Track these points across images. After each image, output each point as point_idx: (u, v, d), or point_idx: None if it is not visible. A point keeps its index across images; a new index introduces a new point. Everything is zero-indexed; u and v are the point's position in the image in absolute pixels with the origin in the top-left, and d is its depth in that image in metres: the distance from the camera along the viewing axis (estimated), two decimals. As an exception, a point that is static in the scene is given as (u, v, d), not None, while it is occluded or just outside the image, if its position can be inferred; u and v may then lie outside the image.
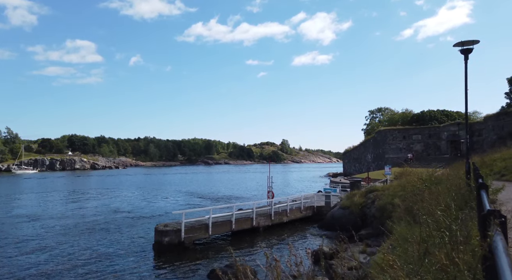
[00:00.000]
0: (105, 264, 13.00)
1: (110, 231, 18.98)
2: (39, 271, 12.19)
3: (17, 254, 14.38)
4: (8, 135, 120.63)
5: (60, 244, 16.03)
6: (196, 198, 35.52)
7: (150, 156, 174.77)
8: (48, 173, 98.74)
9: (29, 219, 22.79)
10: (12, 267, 12.65)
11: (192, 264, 13.22)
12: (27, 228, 19.74)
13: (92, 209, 27.35)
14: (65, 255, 14.14)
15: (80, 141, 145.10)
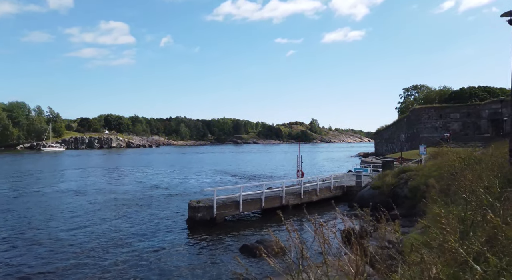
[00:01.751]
0: (143, 236, 13.81)
1: (147, 206, 19.99)
2: (83, 242, 13.17)
3: (63, 226, 15.56)
4: (50, 114, 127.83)
5: (102, 217, 17.14)
6: (226, 176, 36.34)
7: (181, 136, 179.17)
8: (76, 151, 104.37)
9: (73, 193, 24.43)
10: (58, 240, 13.72)
11: (223, 239, 13.74)
12: (72, 202, 21.19)
13: (129, 185, 28.81)
14: (107, 227, 15.13)
15: (116, 120, 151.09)
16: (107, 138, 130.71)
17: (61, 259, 11.19)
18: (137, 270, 10.35)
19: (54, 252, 11.83)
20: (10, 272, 10.11)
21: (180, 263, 10.91)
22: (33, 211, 18.47)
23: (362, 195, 19.21)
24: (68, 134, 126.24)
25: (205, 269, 10.49)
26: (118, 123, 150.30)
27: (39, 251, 11.97)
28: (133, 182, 31.43)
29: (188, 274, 10.08)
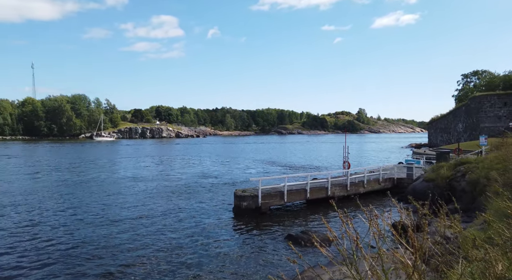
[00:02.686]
0: (192, 222, 14.44)
1: (195, 193, 20.83)
2: (136, 227, 14.09)
3: (120, 211, 16.77)
4: (108, 106, 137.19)
5: (154, 203, 18.20)
6: (271, 166, 36.56)
7: (227, 126, 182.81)
8: (130, 140, 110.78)
9: (130, 180, 26.17)
10: (113, 222, 14.81)
11: (268, 228, 13.91)
12: (128, 189, 22.71)
13: (179, 174, 30.17)
14: (159, 213, 16.04)
15: (166, 111, 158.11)
16: (158, 128, 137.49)
17: (114, 242, 12.09)
18: (186, 256, 10.86)
19: (110, 235, 12.80)
20: (76, 247, 11.16)
21: (226, 250, 11.26)
22: (95, 196, 20.11)
23: (414, 188, 18.26)
24: (123, 125, 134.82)
25: (251, 256, 10.73)
26: (168, 114, 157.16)
27: (100, 232, 13.04)
28: (182, 170, 32.84)
29: (235, 261, 10.38)
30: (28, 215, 15.47)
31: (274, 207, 16.96)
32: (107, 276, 9.12)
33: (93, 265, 9.89)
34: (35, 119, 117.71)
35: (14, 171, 31.24)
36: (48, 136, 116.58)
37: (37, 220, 14.71)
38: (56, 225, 13.97)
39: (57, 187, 22.85)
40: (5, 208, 16.72)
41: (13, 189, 22.07)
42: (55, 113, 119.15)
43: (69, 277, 9.09)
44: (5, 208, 16.72)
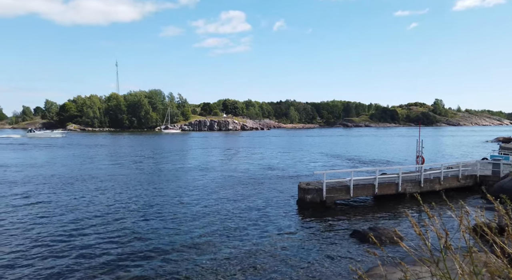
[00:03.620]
0: (256, 213, 14.85)
1: (260, 185, 21.33)
2: (203, 215, 14.93)
3: (189, 198, 17.92)
4: (180, 100, 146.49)
5: (221, 193, 19.09)
6: (336, 160, 35.66)
7: (291, 119, 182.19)
8: (199, 132, 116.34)
9: (199, 171, 27.80)
10: (183, 209, 15.86)
11: (333, 222, 13.69)
12: (198, 179, 24.15)
13: (245, 165, 31.13)
14: (225, 202, 16.80)
15: (232, 104, 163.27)
16: (224, 121, 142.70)
17: (183, 228, 12.98)
18: (250, 246, 11.23)
19: (179, 221, 13.78)
20: (145, 233, 12.29)
21: (290, 243, 11.38)
22: (168, 184, 21.79)
23: (502, 186, 16.34)
24: (193, 118, 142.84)
25: (316, 250, 10.70)
26: (234, 107, 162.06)
27: (168, 218, 14.13)
28: (248, 162, 33.78)
29: (298, 254, 10.45)
30: (112, 199, 17.40)
31: (340, 202, 16.60)
32: (179, 256, 9.90)
33: (163, 246, 10.79)
34: (119, 113, 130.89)
35: (102, 159, 35.32)
36: (129, 128, 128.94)
37: (118, 204, 16.47)
38: (133, 209, 15.50)
39: (136, 175, 25.25)
40: (93, 192, 19.05)
41: (101, 174, 24.98)
42: (135, 107, 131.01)
43: (140, 255, 10.07)
44: (93, 192, 19.05)
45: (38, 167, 29.38)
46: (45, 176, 24.16)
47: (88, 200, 16.94)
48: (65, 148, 49.94)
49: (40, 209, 15.27)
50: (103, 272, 8.92)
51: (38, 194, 18.34)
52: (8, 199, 17.13)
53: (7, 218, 13.82)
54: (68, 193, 18.68)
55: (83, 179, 22.92)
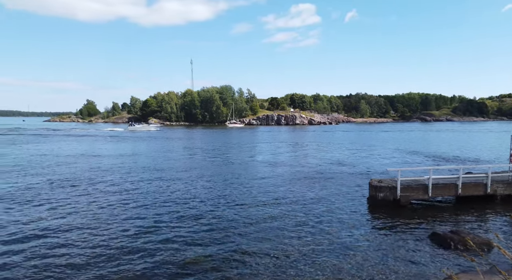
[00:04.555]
0: (324, 210, 14.63)
1: (327, 180, 20.92)
2: (269, 210, 15.16)
3: (256, 192, 18.35)
4: (249, 95, 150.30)
5: (287, 187, 19.20)
6: (411, 156, 33.20)
7: (361, 113, 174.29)
8: (267, 127, 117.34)
9: (267, 164, 28.30)
10: (250, 203, 16.28)
11: (409, 223, 12.84)
12: (265, 172, 24.60)
13: (312, 160, 30.79)
14: (292, 198, 16.86)
15: (299, 99, 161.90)
16: (292, 115, 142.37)
17: (248, 221, 13.34)
18: (317, 245, 11.11)
19: (246, 214, 14.21)
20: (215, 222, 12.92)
21: (361, 243, 10.97)
22: (237, 177, 22.62)
23: None
24: (261, 112, 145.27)
25: (389, 252, 10.18)
26: (302, 102, 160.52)
27: (237, 211, 14.66)
28: (315, 157, 33.32)
29: (370, 255, 10.05)
30: (184, 190, 18.67)
31: (415, 202, 15.48)
32: (248, 249, 10.26)
33: (229, 240, 11.25)
34: (193, 108, 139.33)
35: (178, 150, 38.09)
36: (202, 122, 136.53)
37: (191, 195, 17.60)
38: (203, 199, 16.44)
39: (208, 166, 26.68)
40: (171, 181, 20.66)
41: (177, 165, 26.96)
42: (207, 102, 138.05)
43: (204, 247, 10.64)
44: (171, 181, 20.66)
45: (135, 156, 32.85)
46: (141, 166, 26.92)
47: (169, 190, 18.46)
48: (159, 140, 55.20)
49: (127, 195, 17.09)
50: (175, 255, 9.68)
51: (131, 181, 20.55)
52: (102, 185, 19.50)
53: (99, 201, 15.77)
54: (150, 181, 20.56)
55: (163, 169, 25.00)
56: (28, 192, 17.27)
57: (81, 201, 15.69)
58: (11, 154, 34.46)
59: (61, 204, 15.10)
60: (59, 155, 34.32)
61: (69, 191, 17.68)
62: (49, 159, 30.63)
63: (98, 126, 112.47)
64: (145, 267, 8.86)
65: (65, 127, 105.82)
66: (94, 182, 20.08)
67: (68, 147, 43.23)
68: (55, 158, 31.44)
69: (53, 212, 13.84)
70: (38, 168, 25.17)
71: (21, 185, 18.98)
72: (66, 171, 23.85)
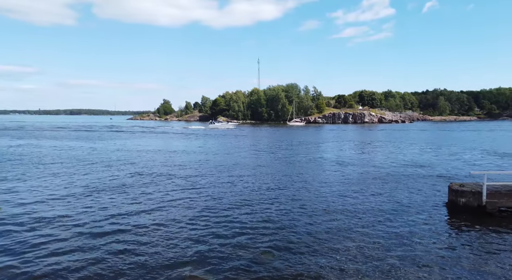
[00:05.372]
0: (393, 213, 13.70)
1: (398, 182, 19.57)
2: (334, 207, 14.67)
3: (322, 192, 17.93)
4: (314, 93, 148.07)
5: (353, 188, 18.43)
6: (501, 159, 29.41)
7: (439, 110, 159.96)
8: (333, 125, 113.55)
9: (333, 163, 27.58)
10: (317, 204, 15.96)
11: (496, 233, 11.38)
12: (331, 171, 23.99)
13: (381, 160, 29.12)
14: (357, 200, 16.15)
15: (369, 96, 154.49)
16: (360, 113, 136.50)
17: (312, 220, 13.06)
18: (385, 252, 10.48)
19: (312, 219, 13.95)
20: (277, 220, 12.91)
21: (438, 252, 10.00)
22: (302, 176, 22.42)
23: None
24: (327, 110, 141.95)
25: (472, 265, 9.15)
26: (371, 99, 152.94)
27: (303, 212, 14.48)
28: (385, 157, 31.46)
29: (449, 267, 9.15)
30: (251, 187, 19.06)
31: (507, 209, 13.69)
32: (308, 248, 10.11)
33: (296, 238, 11.16)
34: (259, 106, 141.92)
35: (245, 148, 39.16)
36: (267, 121, 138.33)
37: (255, 193, 17.91)
38: (269, 196, 16.58)
39: (271, 165, 26.92)
40: (238, 177, 21.29)
41: (246, 162, 27.71)
42: (273, 101, 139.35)
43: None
44: (238, 177, 21.29)
45: (215, 153, 34.85)
46: (219, 162, 28.44)
47: (240, 185, 19.10)
48: (237, 137, 57.80)
49: (201, 189, 18.08)
50: (234, 251, 9.95)
51: (206, 175, 21.78)
52: (174, 179, 20.95)
53: (171, 194, 16.94)
54: (217, 177, 21.47)
55: (240, 164, 25.94)
56: (113, 183, 19.30)
57: (159, 191, 17.04)
58: (102, 148, 38.93)
59: (138, 194, 16.58)
60: (148, 150, 37.77)
61: (150, 182, 19.32)
62: (140, 154, 33.87)
63: (179, 124, 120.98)
64: (221, 257, 9.29)
65: (153, 125, 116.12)
66: (176, 175, 21.64)
67: (160, 143, 47.23)
68: (144, 154, 34.66)
69: (129, 202, 15.27)
70: (129, 162, 27.99)
71: (108, 177, 21.31)
72: (151, 165, 26.11)
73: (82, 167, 24.81)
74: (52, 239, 10.48)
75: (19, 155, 32.15)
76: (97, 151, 36.16)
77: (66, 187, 17.86)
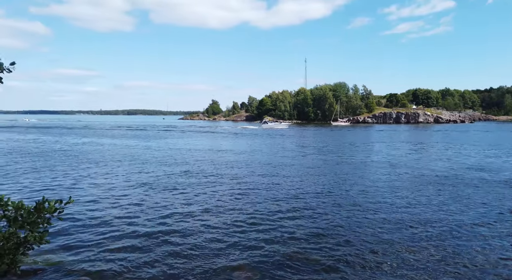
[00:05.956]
0: (454, 223, 12.69)
1: (460, 188, 18.07)
2: (388, 214, 13.93)
3: (368, 196, 17.16)
4: (364, 92, 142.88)
5: (404, 194, 17.38)
6: None
7: (505, 109, 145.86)
8: (384, 125, 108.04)
9: (384, 165, 26.33)
10: (364, 209, 15.27)
11: None
12: (381, 174, 22.90)
13: (437, 163, 27.18)
14: (413, 204, 15.18)
15: (424, 94, 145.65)
16: (414, 113, 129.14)
17: (363, 228, 12.50)
18: (449, 266, 9.75)
19: (360, 218, 13.37)
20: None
21: (505, 269, 9.15)
22: (349, 177, 21.69)
23: None
24: (377, 110, 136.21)
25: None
26: (426, 97, 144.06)
27: (350, 212, 13.94)
28: (445, 160, 29.31)
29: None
30: (297, 188, 18.82)
31: None
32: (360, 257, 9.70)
33: (348, 244, 10.76)
34: (305, 106, 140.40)
35: (291, 147, 38.92)
36: (314, 120, 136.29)
37: (304, 194, 17.63)
38: (318, 198, 16.22)
39: (318, 166, 26.38)
40: (288, 178, 21.18)
41: (294, 163, 27.51)
42: (320, 100, 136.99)
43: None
44: (288, 178, 21.18)
45: (268, 152, 35.36)
46: (270, 160, 28.78)
47: (282, 186, 19.05)
48: (291, 137, 58.17)
49: (249, 188, 18.30)
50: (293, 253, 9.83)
51: (256, 174, 22.08)
52: (223, 178, 21.42)
53: (221, 191, 17.32)
54: (270, 176, 21.56)
55: (289, 164, 25.93)
56: (164, 180, 20.24)
57: (207, 190, 17.53)
58: (157, 147, 41.11)
59: (189, 191, 17.18)
60: (218, 150, 39.26)
61: (200, 180, 19.98)
62: (206, 154, 35.32)
63: (233, 124, 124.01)
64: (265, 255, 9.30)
65: (208, 125, 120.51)
66: (227, 173, 22.19)
67: (215, 142, 48.88)
68: (201, 152, 36.05)
69: (181, 198, 15.86)
70: (186, 160, 29.27)
71: (161, 173, 22.39)
72: (203, 164, 27.05)
73: (146, 164, 26.36)
74: (104, 237, 11.20)
75: (83, 152, 35.05)
76: (172, 150, 38.18)
77: (123, 184, 19.08)
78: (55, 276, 8.21)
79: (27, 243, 4.93)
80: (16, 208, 4.89)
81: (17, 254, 4.86)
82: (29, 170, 23.05)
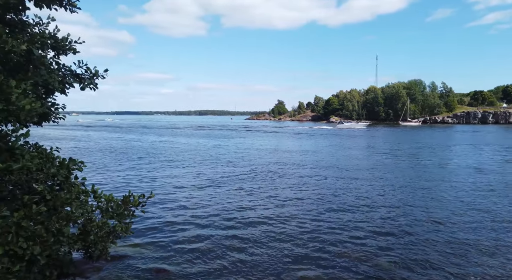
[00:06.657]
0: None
1: None
2: (463, 220, 12.51)
3: (448, 200, 15.59)
4: (443, 89, 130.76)
5: (493, 199, 15.45)
6: None
7: None
8: (467, 126, 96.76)
9: (463, 170, 23.78)
10: (444, 215, 13.92)
11: None
12: (457, 179, 20.73)
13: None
14: (499, 212, 13.44)
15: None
16: (504, 112, 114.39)
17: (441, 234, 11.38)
18: None
19: (432, 228, 12.22)
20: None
21: None
22: (426, 183, 20.01)
23: None
24: (459, 109, 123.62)
25: None
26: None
27: (423, 222, 12.82)
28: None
29: None
30: (368, 191, 17.93)
31: None
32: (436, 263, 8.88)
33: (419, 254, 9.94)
34: (376, 105, 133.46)
35: (360, 148, 37.36)
36: (385, 120, 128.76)
37: (375, 197, 16.72)
38: (387, 204, 15.26)
39: (395, 169, 24.82)
40: (354, 181, 20.36)
41: (364, 164, 26.39)
42: (392, 99, 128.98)
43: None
44: (354, 181, 20.36)
45: (343, 154, 34.95)
46: (341, 162, 28.35)
47: (353, 188, 18.41)
48: (366, 137, 56.91)
49: (313, 189, 18.08)
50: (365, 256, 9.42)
51: (321, 175, 21.82)
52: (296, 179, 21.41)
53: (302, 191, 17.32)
54: (338, 179, 21.03)
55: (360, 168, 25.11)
56: (232, 179, 20.96)
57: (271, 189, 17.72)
58: (228, 146, 42.89)
59: (253, 190, 17.52)
60: (300, 151, 40.10)
61: (264, 179, 20.30)
62: (271, 153, 36.23)
63: (294, 124, 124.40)
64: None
65: (277, 125, 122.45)
66: (294, 173, 22.28)
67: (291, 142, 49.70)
68: (273, 152, 36.89)
69: (243, 197, 16.25)
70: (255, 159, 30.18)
71: (232, 172, 23.25)
72: (267, 162, 27.54)
73: (220, 163, 27.75)
74: (177, 231, 12.00)
75: (160, 149, 38.11)
76: (259, 151, 39.85)
77: (193, 181, 20.27)
78: (138, 262, 9.06)
79: (116, 233, 5.53)
80: (107, 200, 5.52)
81: (107, 242, 5.48)
82: (114, 166, 25.81)
